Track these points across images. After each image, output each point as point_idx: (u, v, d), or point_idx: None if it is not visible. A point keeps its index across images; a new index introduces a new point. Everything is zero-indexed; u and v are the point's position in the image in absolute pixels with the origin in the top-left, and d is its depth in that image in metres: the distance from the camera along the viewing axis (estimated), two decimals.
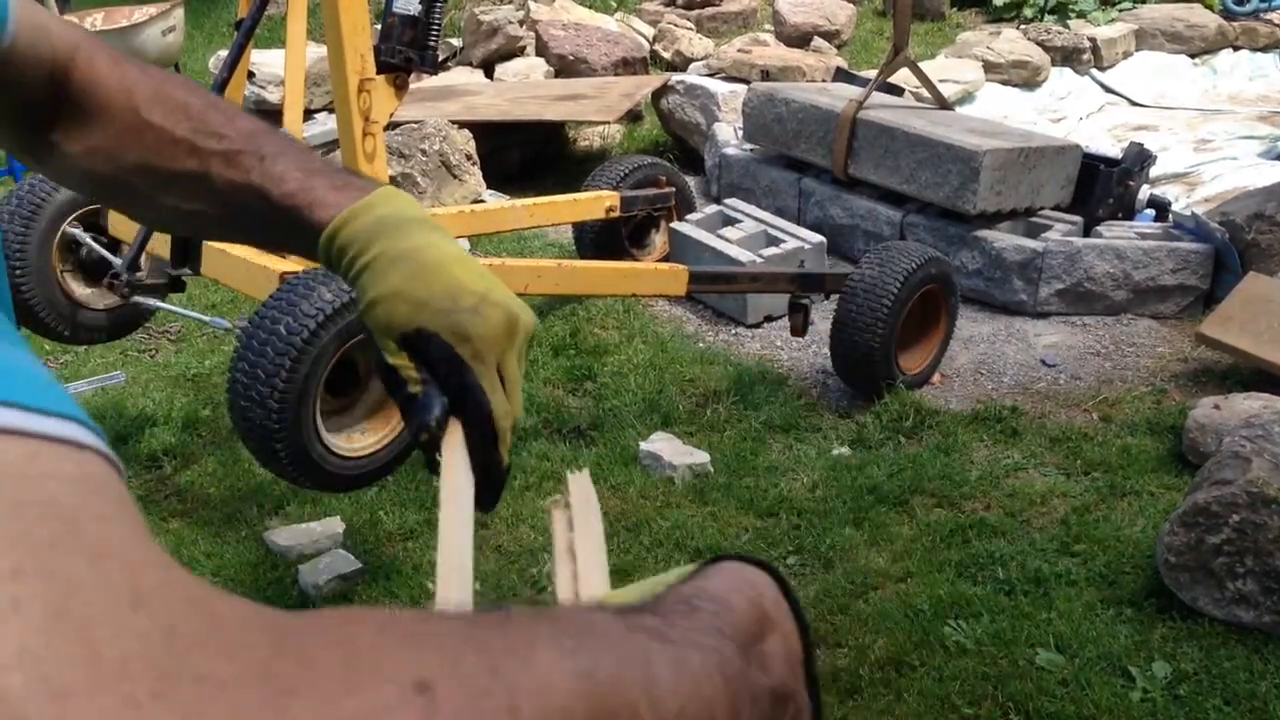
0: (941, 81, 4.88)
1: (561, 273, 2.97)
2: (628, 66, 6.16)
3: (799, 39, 6.48)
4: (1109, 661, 2.27)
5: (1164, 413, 3.24)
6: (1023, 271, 3.90)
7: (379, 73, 2.68)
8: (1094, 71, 6.26)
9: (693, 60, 6.24)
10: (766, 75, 5.52)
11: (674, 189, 4.17)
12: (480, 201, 4.67)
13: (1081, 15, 6.81)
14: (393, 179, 4.34)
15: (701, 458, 3.03)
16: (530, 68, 6.14)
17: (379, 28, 2.76)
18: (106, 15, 6.72)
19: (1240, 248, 3.76)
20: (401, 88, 2.75)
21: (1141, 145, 4.26)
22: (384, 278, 0.72)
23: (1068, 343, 3.76)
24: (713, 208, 4.28)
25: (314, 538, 2.72)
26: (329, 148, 5.16)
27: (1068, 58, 6.23)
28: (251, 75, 5.37)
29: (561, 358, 3.65)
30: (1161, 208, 4.26)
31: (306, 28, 2.98)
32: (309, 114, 5.48)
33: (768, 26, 6.90)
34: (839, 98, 4.42)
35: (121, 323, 3.14)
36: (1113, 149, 4.57)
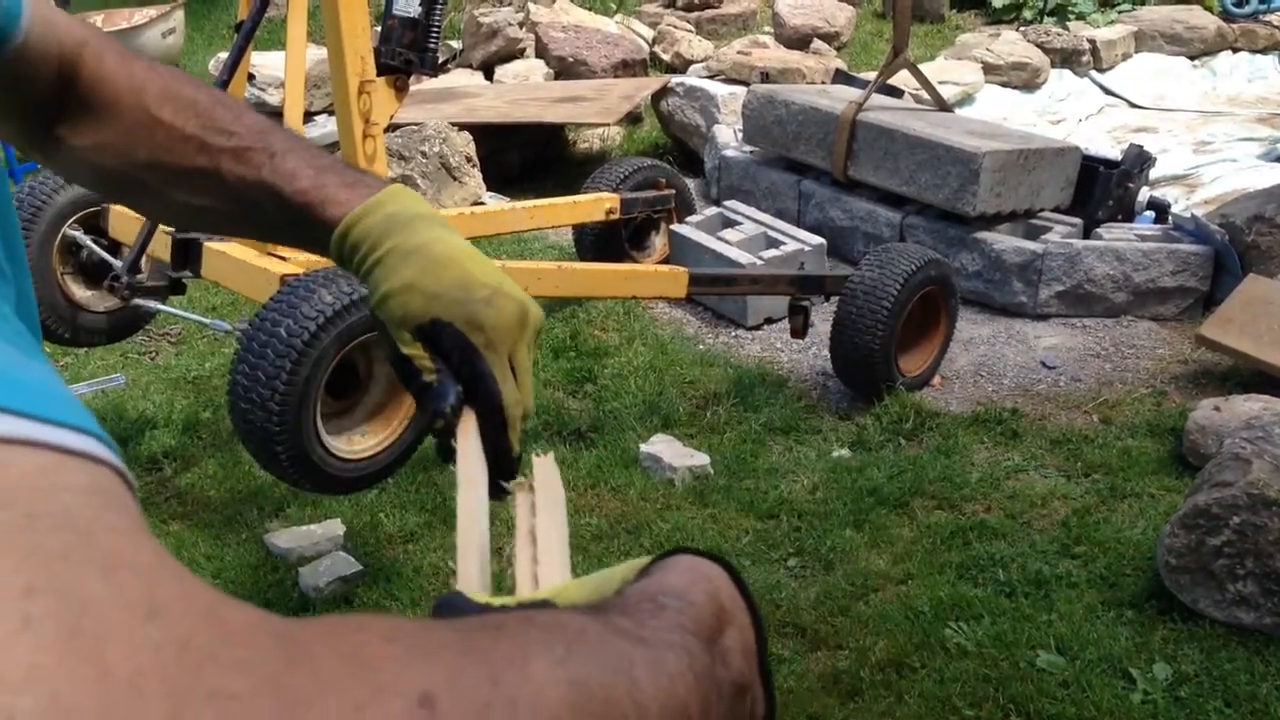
0: (941, 83, 4.88)
1: (561, 275, 2.97)
2: (627, 69, 6.16)
3: (798, 41, 6.49)
4: (1110, 663, 2.27)
5: (1164, 415, 3.24)
6: (1022, 273, 3.90)
7: (379, 75, 2.69)
8: (1093, 73, 6.27)
9: (692, 62, 6.25)
10: (766, 77, 5.52)
11: (674, 191, 4.17)
12: (480, 204, 4.67)
13: (1081, 17, 6.82)
14: (393, 181, 4.33)
15: (702, 460, 3.03)
16: (530, 70, 6.15)
17: (379, 30, 2.76)
18: (107, 17, 6.72)
19: (1240, 250, 3.76)
20: (401, 90, 2.75)
21: (1141, 147, 4.26)
22: (396, 272, 0.73)
23: (1068, 345, 3.76)
24: (712, 210, 4.28)
25: (314, 540, 2.72)
26: (329, 150, 5.16)
27: (1067, 60, 6.23)
28: (251, 77, 5.37)
29: (562, 360, 3.65)
30: (1161, 210, 4.27)
31: (306, 30, 2.98)
32: (309, 116, 5.48)
33: (767, 29, 6.90)
34: (839, 100, 4.43)
35: (122, 325, 3.14)
36: (1112, 151, 4.57)
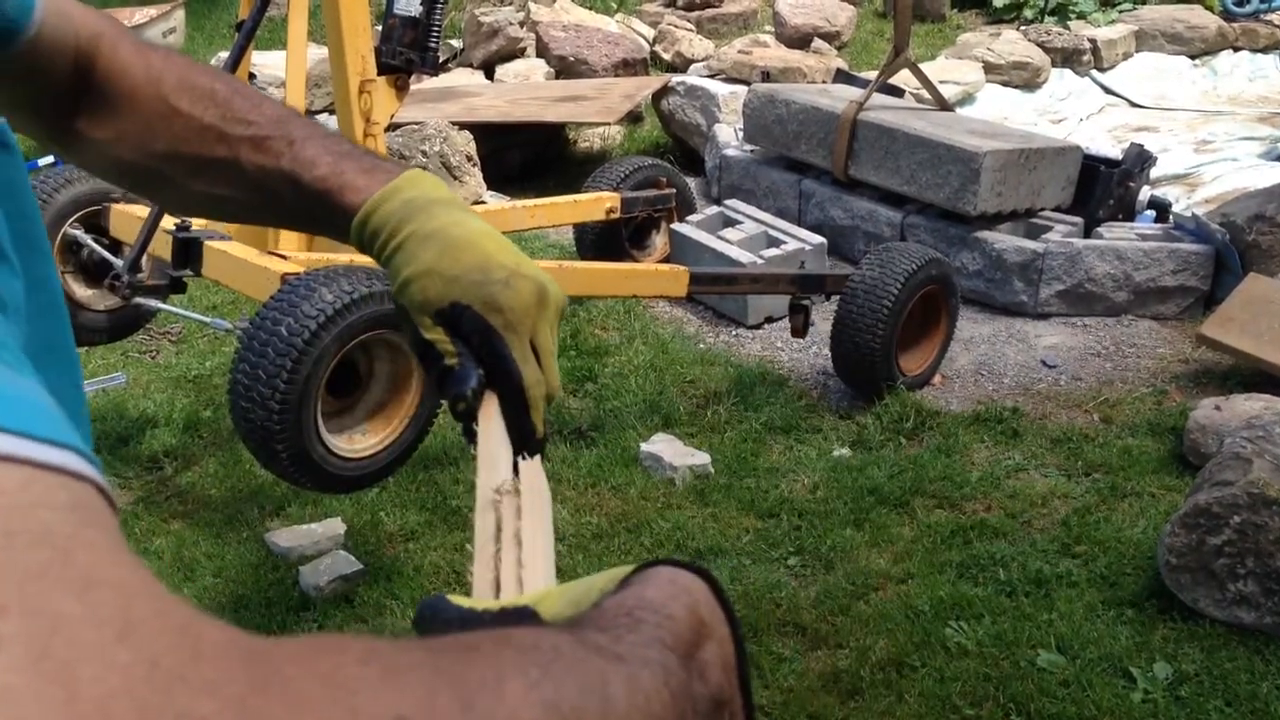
0: (942, 83, 4.88)
1: (562, 274, 2.97)
2: (628, 68, 6.16)
3: (799, 40, 6.49)
4: (1110, 662, 2.27)
5: (1165, 414, 3.23)
6: (1023, 272, 3.90)
7: (380, 74, 2.69)
8: (1094, 73, 6.26)
9: (693, 61, 6.24)
10: (767, 76, 5.52)
11: (674, 190, 4.17)
12: (481, 203, 4.67)
13: (1082, 16, 6.82)
14: None
15: (702, 459, 3.03)
16: (530, 69, 6.15)
17: (380, 29, 2.76)
18: None
19: (1241, 249, 3.76)
20: (402, 89, 2.75)
21: (1142, 146, 4.26)
22: (416, 257, 0.74)
23: (1068, 344, 3.76)
24: (713, 209, 4.28)
25: (315, 539, 2.72)
26: None
27: (1068, 59, 6.23)
28: (252, 77, 5.37)
29: (562, 359, 3.65)
30: (1162, 209, 4.27)
31: (307, 29, 2.99)
32: (310, 115, 5.48)
33: (768, 28, 6.90)
34: (839, 99, 4.43)
35: (122, 324, 3.14)
36: (1113, 150, 4.57)
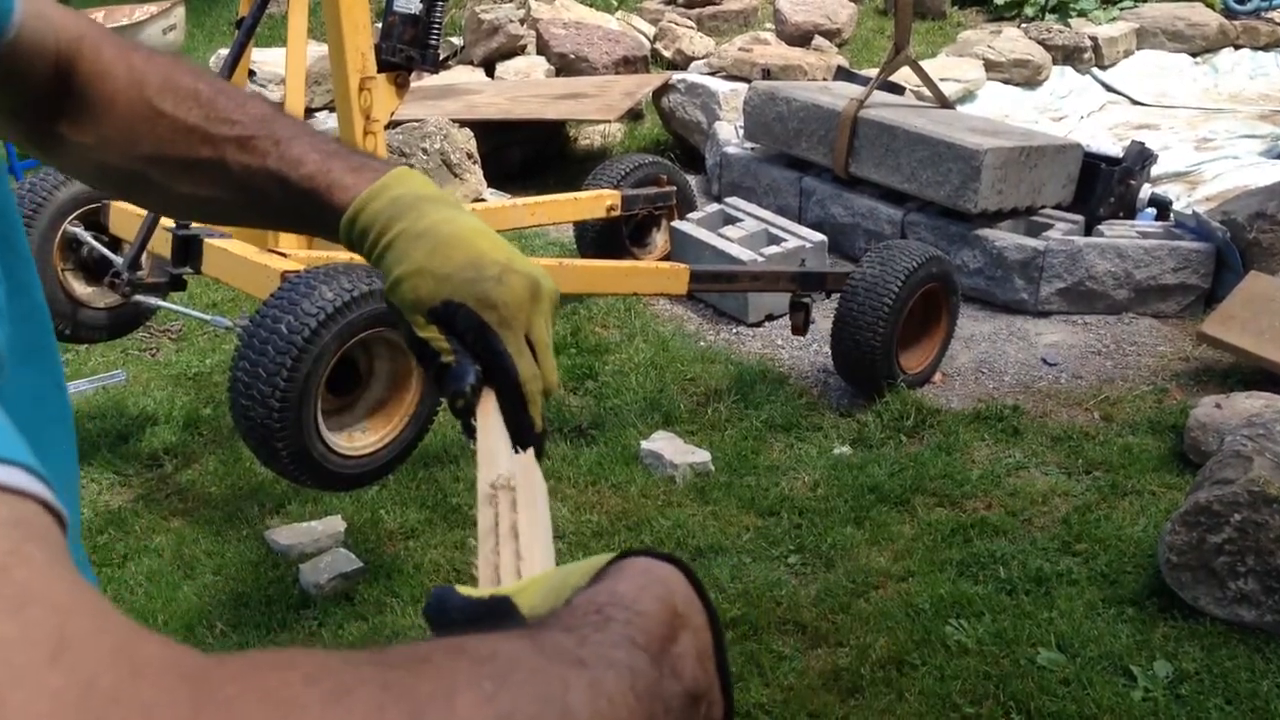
0: (942, 80, 4.87)
1: (562, 271, 2.97)
2: (628, 65, 6.16)
3: (800, 38, 6.48)
4: (1110, 661, 2.27)
5: (1165, 412, 3.23)
6: (1024, 270, 3.90)
7: (380, 71, 2.68)
8: (1095, 70, 6.26)
9: (694, 59, 6.24)
10: (767, 74, 5.51)
11: (675, 188, 4.17)
12: (481, 200, 4.67)
13: (1082, 14, 6.81)
14: None
15: (702, 456, 3.02)
16: (531, 66, 6.14)
17: (380, 26, 2.76)
18: (107, 14, 6.72)
19: (1241, 247, 3.76)
20: (402, 86, 2.75)
21: (1143, 144, 4.26)
22: (407, 255, 0.73)
23: (1069, 342, 3.75)
24: (714, 206, 4.28)
25: (315, 537, 2.72)
26: None
27: (1069, 56, 6.22)
28: (252, 74, 5.37)
29: (562, 356, 3.64)
30: (1163, 206, 4.26)
31: (307, 26, 2.98)
32: (310, 112, 5.48)
33: (769, 25, 6.90)
34: (840, 96, 4.42)
35: (122, 321, 3.14)
36: (1114, 148, 4.57)
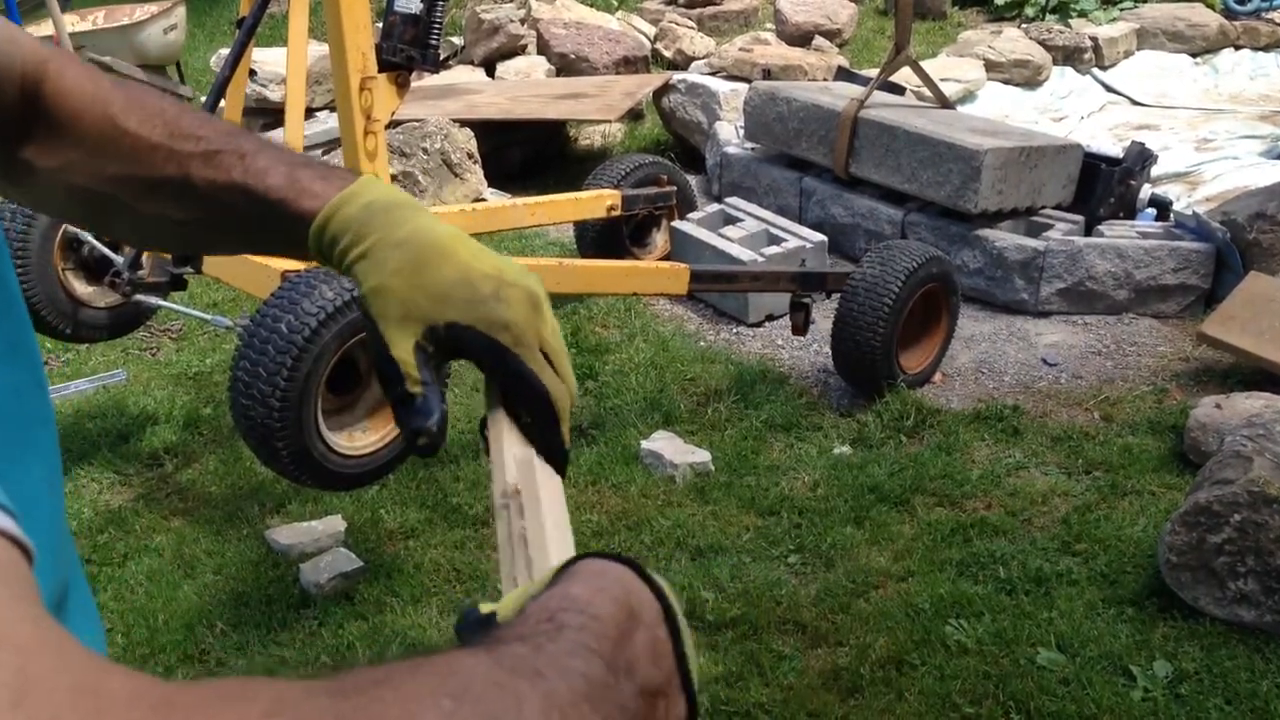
0: (943, 80, 4.87)
1: (563, 271, 2.97)
2: (629, 65, 6.16)
3: (800, 38, 6.48)
4: (1110, 661, 2.27)
5: (1165, 412, 3.23)
6: (1024, 270, 3.90)
7: (380, 71, 2.68)
8: (1095, 71, 6.26)
9: (694, 59, 6.24)
10: (768, 74, 5.51)
11: (675, 188, 4.17)
12: (482, 200, 4.67)
13: (1083, 14, 6.81)
14: (394, 177, 4.34)
15: (703, 456, 3.03)
16: (531, 66, 6.15)
17: (380, 26, 2.76)
18: (108, 13, 6.72)
19: (1241, 247, 3.76)
20: (403, 86, 2.75)
21: (1143, 144, 4.26)
22: (385, 264, 0.70)
23: (1069, 342, 3.76)
24: (714, 206, 4.28)
25: (315, 536, 2.72)
26: (330, 146, 5.16)
27: (1069, 57, 6.23)
28: (253, 73, 5.36)
29: None
30: (1163, 207, 4.26)
31: (308, 26, 2.98)
32: (310, 112, 5.48)
33: (769, 25, 6.90)
34: (840, 96, 4.42)
35: (123, 321, 3.14)
36: (1114, 148, 4.57)
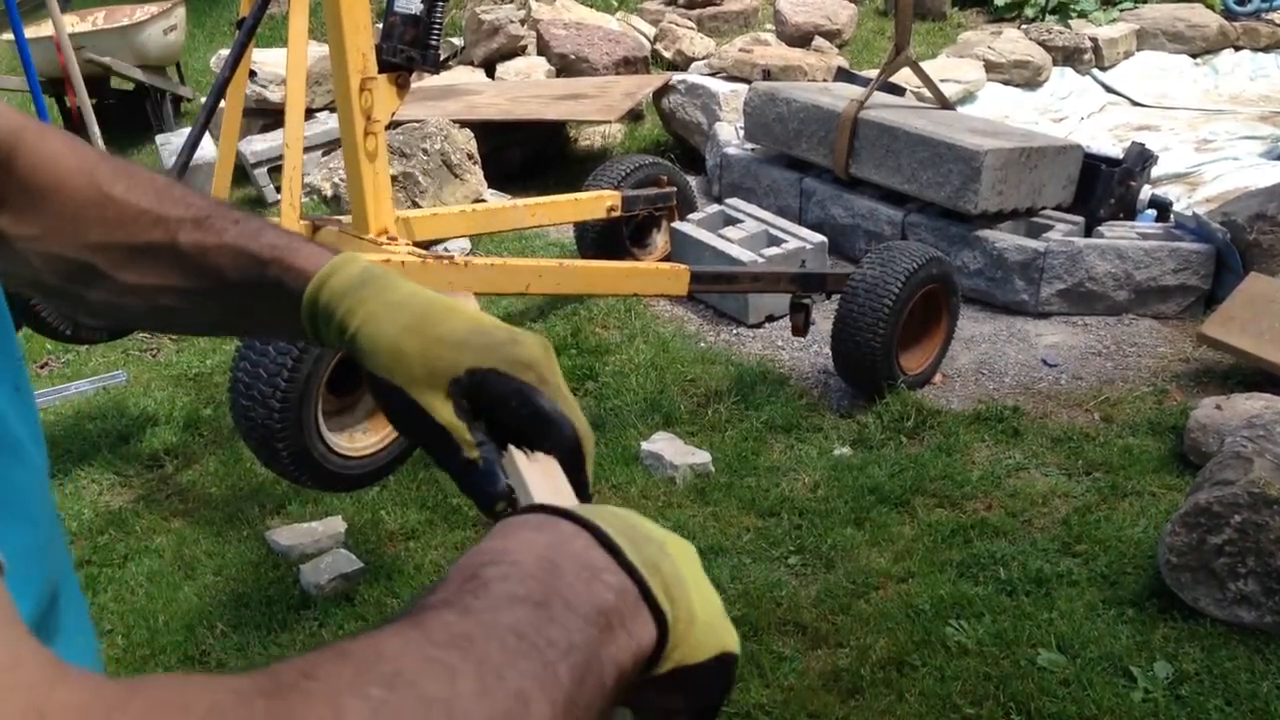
0: (943, 81, 4.88)
1: (563, 272, 2.97)
2: (629, 66, 6.16)
3: (800, 38, 6.48)
4: (1110, 662, 2.27)
5: (1165, 413, 3.23)
6: (1024, 271, 3.90)
7: (380, 72, 2.68)
8: (1095, 71, 6.26)
9: (694, 60, 6.24)
10: (768, 75, 5.51)
11: (675, 188, 4.17)
12: (481, 201, 4.67)
13: (1083, 15, 6.81)
14: (394, 178, 4.33)
15: (703, 457, 3.02)
16: (531, 67, 6.15)
17: (380, 27, 2.76)
18: (108, 14, 6.72)
19: (1242, 248, 3.76)
20: (403, 87, 2.75)
21: (1143, 145, 4.26)
22: (391, 327, 0.69)
23: (1069, 343, 3.76)
24: (714, 207, 4.28)
25: (315, 537, 2.72)
26: (330, 147, 5.16)
27: (1069, 58, 6.23)
28: (253, 74, 5.36)
29: (563, 357, 3.65)
30: (1163, 208, 4.26)
31: (308, 26, 2.98)
32: (310, 113, 5.48)
33: (769, 26, 6.90)
34: (840, 97, 4.42)
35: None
36: (1114, 149, 4.57)
